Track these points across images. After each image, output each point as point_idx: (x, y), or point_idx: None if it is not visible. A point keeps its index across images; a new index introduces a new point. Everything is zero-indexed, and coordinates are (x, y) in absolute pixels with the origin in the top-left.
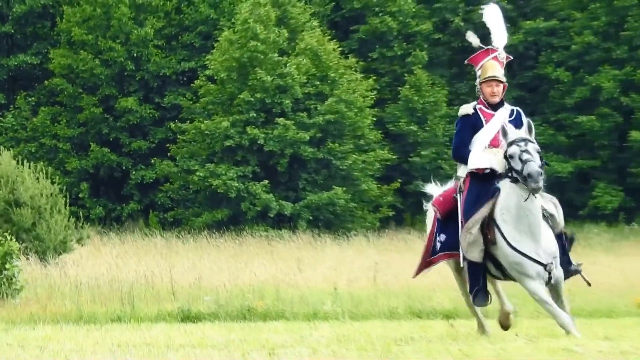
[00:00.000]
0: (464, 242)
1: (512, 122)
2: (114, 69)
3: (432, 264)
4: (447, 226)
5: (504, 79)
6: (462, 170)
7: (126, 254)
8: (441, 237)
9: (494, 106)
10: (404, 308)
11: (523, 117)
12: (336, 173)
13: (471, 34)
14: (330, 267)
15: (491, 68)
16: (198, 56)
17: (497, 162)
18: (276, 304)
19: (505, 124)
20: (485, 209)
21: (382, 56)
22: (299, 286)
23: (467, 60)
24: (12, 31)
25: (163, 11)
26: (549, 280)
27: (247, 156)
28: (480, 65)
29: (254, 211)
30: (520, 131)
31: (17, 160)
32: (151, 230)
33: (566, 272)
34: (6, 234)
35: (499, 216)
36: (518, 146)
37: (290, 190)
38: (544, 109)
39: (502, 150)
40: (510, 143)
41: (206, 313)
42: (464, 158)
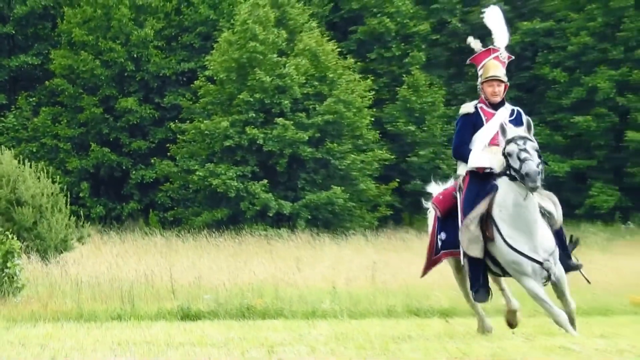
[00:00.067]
0: (463, 239)
1: (513, 122)
2: (114, 69)
3: (436, 262)
4: (447, 224)
5: (505, 78)
6: (462, 168)
7: (126, 252)
8: (442, 236)
9: (495, 105)
10: (402, 306)
11: (523, 117)
12: (335, 173)
13: (473, 39)
14: (328, 266)
15: (492, 68)
16: (198, 57)
17: (496, 162)
18: (275, 303)
19: (505, 122)
20: (483, 205)
21: (380, 57)
22: (297, 285)
23: (469, 59)
24: (14, 32)
25: (163, 12)
26: (548, 278)
27: (247, 156)
28: (481, 64)
29: (253, 210)
30: (519, 129)
31: (19, 160)
32: (151, 229)
33: (566, 268)
34: (7, 232)
35: (497, 214)
36: (516, 144)
37: (289, 189)
38: (541, 109)
39: (501, 147)
40: (509, 141)
41: (206, 311)
42: (464, 157)
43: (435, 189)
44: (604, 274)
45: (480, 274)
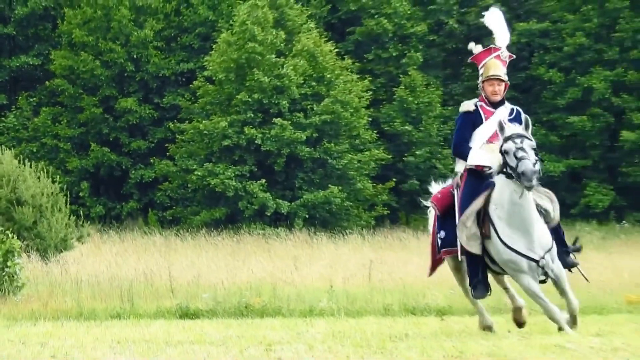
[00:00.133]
0: (462, 236)
1: (512, 121)
2: (114, 70)
3: (440, 261)
4: (447, 223)
5: (505, 77)
6: (460, 165)
7: (126, 251)
8: (441, 234)
9: (495, 104)
10: (398, 305)
11: (522, 116)
12: (332, 172)
13: (474, 45)
14: (326, 264)
15: (493, 67)
16: (197, 57)
17: (494, 159)
18: (273, 301)
19: (503, 119)
20: (479, 201)
21: (378, 57)
22: (295, 283)
23: (470, 58)
24: (14, 33)
25: (162, 13)
26: (546, 275)
27: (245, 156)
28: (482, 63)
29: (251, 210)
30: (517, 127)
31: (19, 160)
32: (150, 228)
33: (564, 264)
34: (8, 232)
35: (493, 212)
36: (514, 142)
37: (287, 189)
38: (537, 109)
39: (499, 145)
40: (507, 139)
41: (204, 310)
42: (464, 154)
43: (436, 188)
44: (599, 272)
45: (479, 270)
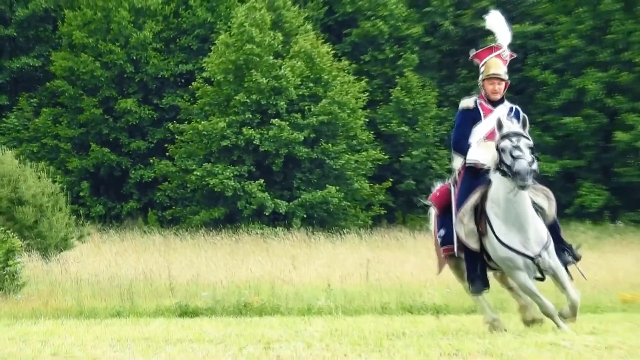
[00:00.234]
0: (460, 232)
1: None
2: (113, 71)
3: (445, 260)
4: (446, 221)
5: (505, 77)
6: (457, 162)
7: (125, 251)
8: (441, 232)
9: (494, 102)
10: (395, 303)
11: (521, 115)
12: (329, 172)
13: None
14: (323, 264)
15: (494, 66)
16: (195, 59)
17: (490, 157)
18: (271, 300)
19: (502, 116)
20: (475, 196)
21: (374, 59)
22: (293, 282)
23: (472, 55)
24: (15, 34)
25: (161, 15)
26: (542, 273)
27: (243, 156)
28: (483, 61)
29: (249, 209)
30: (515, 125)
31: (20, 160)
32: (150, 228)
33: (561, 261)
34: (9, 231)
35: (490, 209)
36: (510, 141)
37: (285, 189)
38: (531, 110)
39: (495, 142)
40: (503, 136)
41: (203, 308)
42: (464, 151)
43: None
44: (594, 272)
45: (477, 265)
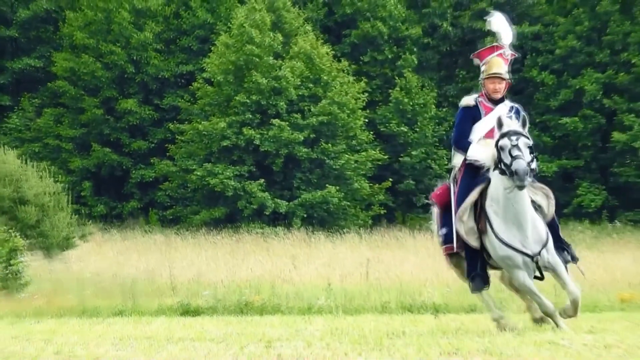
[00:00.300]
0: (460, 230)
1: (511, 117)
2: (114, 71)
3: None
4: (447, 219)
5: (507, 76)
6: (458, 158)
7: (127, 250)
8: (443, 231)
9: (495, 101)
10: (395, 302)
11: (521, 113)
12: (329, 172)
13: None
14: (324, 263)
15: (495, 65)
16: (196, 59)
17: (490, 156)
18: (272, 299)
19: (502, 114)
20: (474, 194)
21: (373, 59)
22: (294, 282)
23: (473, 54)
24: (17, 35)
25: (162, 16)
26: (541, 272)
27: (244, 156)
28: (485, 60)
29: (250, 209)
30: (514, 123)
31: (22, 160)
32: (151, 227)
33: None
34: (11, 230)
35: (489, 207)
36: (509, 140)
37: (285, 189)
38: (529, 110)
39: (495, 140)
40: (503, 135)
41: (205, 307)
42: (464, 148)
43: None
44: (592, 271)
45: (478, 263)
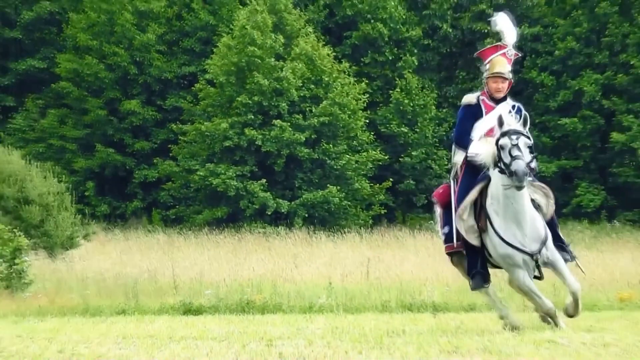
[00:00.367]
0: (460, 228)
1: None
2: (117, 73)
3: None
4: (448, 218)
5: (509, 75)
6: (459, 156)
7: (130, 249)
8: (445, 230)
9: (497, 100)
10: (395, 301)
11: (522, 113)
12: (330, 172)
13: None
14: (325, 262)
15: (498, 64)
16: (198, 61)
17: (490, 153)
18: (274, 298)
19: (504, 113)
20: (474, 192)
21: (374, 61)
22: (295, 281)
23: (477, 53)
24: (21, 37)
25: (164, 18)
26: (540, 272)
27: (245, 156)
28: (488, 59)
29: (252, 209)
30: (515, 123)
31: (26, 160)
32: (154, 227)
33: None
34: (15, 230)
35: (490, 206)
36: (510, 139)
37: (286, 189)
38: (529, 111)
39: (495, 138)
40: (504, 134)
41: (207, 306)
42: (466, 146)
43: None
44: (591, 270)
45: (478, 261)
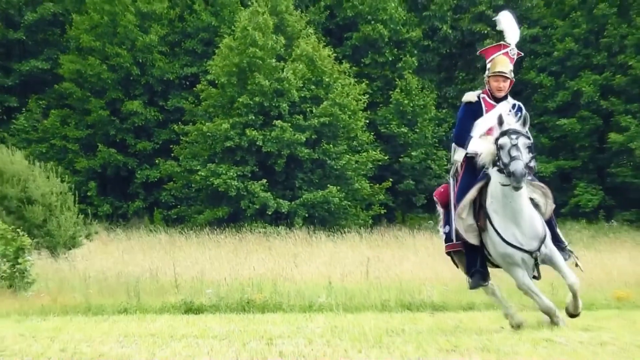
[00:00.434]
0: (459, 227)
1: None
2: (120, 73)
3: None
4: (449, 217)
5: (511, 75)
6: (459, 154)
7: (132, 249)
8: (445, 229)
9: (498, 99)
10: (394, 301)
11: (522, 112)
12: (330, 173)
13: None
14: (324, 262)
15: (500, 63)
16: (200, 62)
17: (489, 151)
18: (274, 297)
19: (504, 112)
20: (473, 192)
21: (374, 62)
22: (295, 280)
23: (480, 51)
24: (24, 38)
25: (167, 19)
26: (538, 271)
27: (246, 156)
28: (490, 58)
29: (252, 209)
30: (515, 122)
31: (29, 160)
32: (155, 226)
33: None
34: (18, 230)
35: (489, 205)
36: (510, 139)
37: (287, 189)
38: (528, 111)
39: (495, 137)
40: (503, 133)
41: (208, 305)
42: (465, 143)
43: None
44: (588, 270)
45: (477, 259)
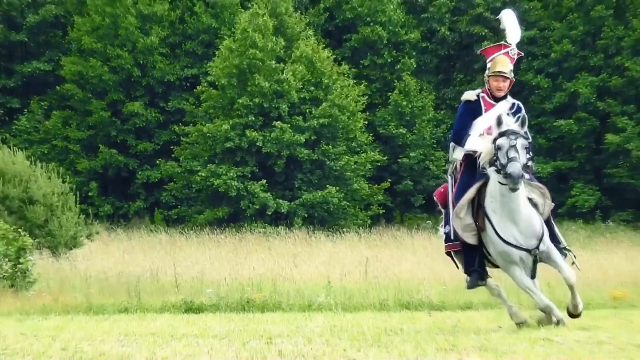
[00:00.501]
0: (457, 226)
1: (512, 114)
2: (121, 75)
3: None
4: (449, 217)
5: (511, 75)
6: (458, 153)
7: (133, 249)
8: (446, 229)
9: (498, 98)
10: (393, 300)
11: (521, 112)
12: (330, 173)
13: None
14: (324, 261)
15: (500, 63)
16: (200, 63)
17: (487, 150)
18: (273, 296)
19: (503, 112)
20: (471, 191)
21: (373, 63)
22: (294, 280)
23: (480, 50)
24: (26, 39)
25: (167, 21)
26: (535, 270)
27: (246, 157)
28: (491, 58)
29: (252, 209)
30: (513, 123)
31: (31, 161)
32: (156, 226)
33: None
34: (20, 230)
35: (488, 204)
36: (508, 139)
37: (286, 189)
38: (525, 112)
39: (493, 136)
40: (502, 134)
41: (208, 305)
42: (463, 141)
43: None
44: (585, 270)
45: (475, 259)
